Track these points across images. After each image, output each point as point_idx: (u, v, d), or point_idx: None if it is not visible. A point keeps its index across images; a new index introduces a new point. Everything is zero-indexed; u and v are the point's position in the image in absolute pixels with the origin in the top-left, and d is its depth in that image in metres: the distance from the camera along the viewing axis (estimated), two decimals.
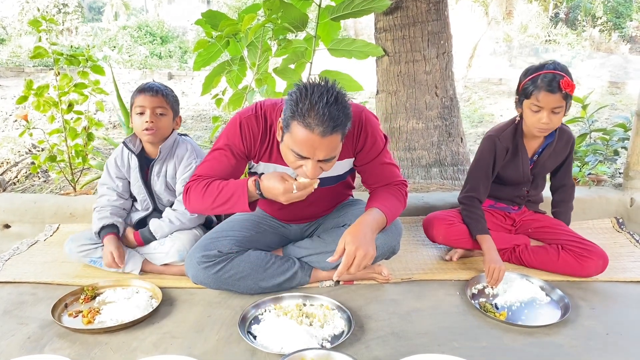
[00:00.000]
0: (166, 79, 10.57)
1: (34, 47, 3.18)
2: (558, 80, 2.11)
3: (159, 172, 2.39)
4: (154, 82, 2.35)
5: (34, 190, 3.96)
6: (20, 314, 2.03)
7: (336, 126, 1.65)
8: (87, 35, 14.45)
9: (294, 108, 1.66)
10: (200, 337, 1.86)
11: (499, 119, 7.69)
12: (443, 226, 2.44)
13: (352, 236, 1.83)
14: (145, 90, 2.27)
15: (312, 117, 1.62)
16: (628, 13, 15.98)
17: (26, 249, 2.67)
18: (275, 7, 2.78)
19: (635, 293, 2.19)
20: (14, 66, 11.09)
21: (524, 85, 2.21)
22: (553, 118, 2.17)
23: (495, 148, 2.38)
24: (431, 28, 3.61)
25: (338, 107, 1.65)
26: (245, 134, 1.97)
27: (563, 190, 2.55)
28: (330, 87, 1.67)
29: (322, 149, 1.68)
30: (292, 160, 1.76)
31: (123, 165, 2.43)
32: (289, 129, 1.70)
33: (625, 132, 3.62)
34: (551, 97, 2.12)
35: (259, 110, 1.97)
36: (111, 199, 2.42)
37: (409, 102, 3.72)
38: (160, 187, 2.40)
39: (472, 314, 2.02)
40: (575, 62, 13.22)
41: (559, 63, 2.20)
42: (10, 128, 6.22)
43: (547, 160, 2.43)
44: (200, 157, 2.39)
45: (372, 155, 2.05)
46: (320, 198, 2.17)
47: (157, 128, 2.27)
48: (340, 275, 1.84)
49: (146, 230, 2.37)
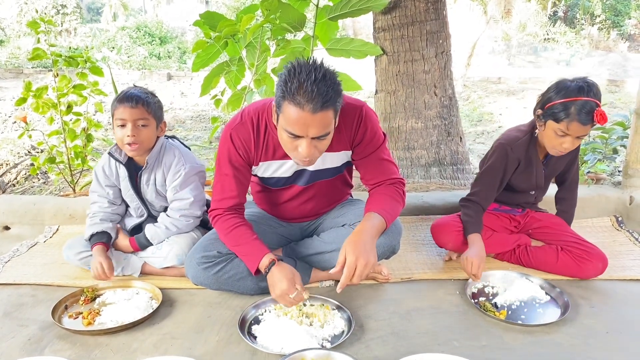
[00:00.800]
0: (165, 80, 10.58)
1: (32, 49, 3.18)
2: (592, 110, 2.00)
3: (147, 181, 2.35)
4: (134, 88, 2.24)
5: (34, 192, 3.97)
6: (21, 316, 2.03)
7: (325, 102, 1.66)
8: (85, 36, 14.48)
9: (283, 88, 1.68)
10: (201, 338, 1.86)
11: (498, 117, 7.70)
12: (453, 234, 2.40)
13: (352, 246, 1.82)
14: (125, 101, 2.17)
15: (301, 94, 1.64)
16: (627, 11, 16.00)
17: (26, 250, 2.67)
18: (273, 7, 2.78)
19: (635, 291, 2.19)
20: (12, 67, 11.11)
21: (554, 107, 2.09)
22: (575, 143, 2.11)
23: (507, 159, 2.30)
24: (430, 27, 3.62)
25: (326, 84, 1.66)
26: (238, 145, 1.99)
27: (567, 186, 2.51)
28: (319, 65, 1.69)
29: (314, 125, 1.69)
30: (288, 141, 1.78)
31: (112, 174, 2.38)
32: (281, 110, 1.73)
33: (624, 130, 3.63)
34: (582, 127, 2.03)
35: (245, 117, 2.00)
36: (103, 205, 2.38)
37: (407, 101, 3.72)
38: (151, 195, 2.38)
39: (472, 313, 2.02)
40: (574, 60, 13.25)
41: (594, 84, 2.06)
42: (10, 130, 6.23)
43: (557, 162, 2.39)
44: (190, 162, 2.35)
45: (371, 149, 2.05)
46: (318, 193, 2.18)
47: (139, 142, 2.21)
48: (343, 287, 1.83)
49: (142, 237, 2.34)
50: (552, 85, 2.15)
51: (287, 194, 2.20)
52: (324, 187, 2.17)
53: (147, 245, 2.34)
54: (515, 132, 2.34)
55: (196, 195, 2.33)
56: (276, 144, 1.98)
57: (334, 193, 2.30)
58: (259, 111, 1.99)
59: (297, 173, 2.10)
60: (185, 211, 2.32)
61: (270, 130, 1.98)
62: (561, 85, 2.10)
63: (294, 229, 2.37)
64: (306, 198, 2.14)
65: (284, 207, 2.26)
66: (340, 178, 2.23)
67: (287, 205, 2.23)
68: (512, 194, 2.47)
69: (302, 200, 2.16)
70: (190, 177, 2.34)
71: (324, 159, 2.04)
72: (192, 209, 2.33)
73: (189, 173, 2.33)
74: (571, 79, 2.10)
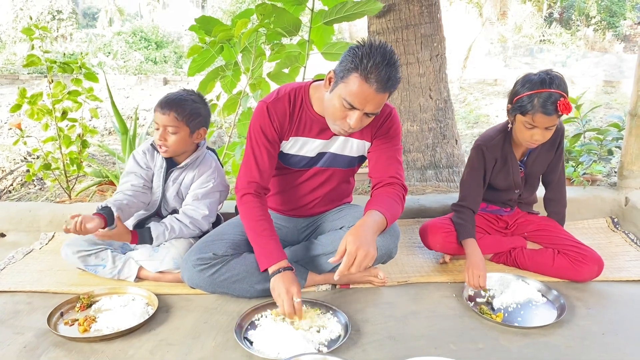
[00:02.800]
0: (161, 85, 10.58)
1: (26, 55, 3.18)
2: (556, 101, 2.05)
3: (175, 179, 2.39)
4: (180, 92, 2.30)
5: (29, 199, 3.96)
6: (16, 323, 2.02)
7: (391, 86, 1.81)
8: (81, 42, 14.47)
9: (357, 62, 1.78)
10: (197, 344, 1.85)
11: (495, 119, 7.72)
12: (440, 235, 2.41)
13: (354, 237, 1.84)
14: (160, 105, 2.24)
15: (375, 74, 1.76)
16: (622, 12, 16.05)
17: (21, 257, 2.67)
18: (267, 12, 2.78)
19: (631, 292, 2.20)
20: (8, 74, 11.09)
21: (520, 100, 2.14)
22: (546, 134, 2.16)
23: (484, 158, 2.36)
24: (424, 31, 3.63)
25: (396, 70, 1.81)
26: (274, 118, 2.06)
27: (553, 187, 2.50)
28: (391, 50, 1.82)
29: (373, 102, 1.82)
30: (339, 109, 1.86)
31: (152, 159, 2.40)
32: (346, 80, 1.82)
33: (619, 131, 3.63)
34: (547, 118, 2.09)
35: (281, 93, 2.09)
36: (136, 184, 2.33)
37: (403, 104, 3.73)
38: (171, 193, 2.40)
39: (469, 315, 2.02)
40: (569, 61, 13.29)
41: (556, 75, 2.12)
42: (5, 136, 6.22)
43: (536, 160, 2.40)
44: (220, 177, 2.41)
45: (388, 145, 2.15)
46: (325, 182, 2.25)
47: (168, 146, 2.26)
48: (341, 274, 1.84)
49: (146, 233, 2.30)
50: (519, 79, 2.21)
51: (303, 176, 2.24)
52: (335, 177, 2.25)
53: (148, 242, 2.31)
54: (490, 132, 2.41)
55: (211, 210, 2.38)
56: (308, 121, 2.09)
57: (339, 188, 2.33)
58: (296, 89, 2.11)
59: (319, 155, 2.17)
60: (196, 221, 2.34)
61: (305, 107, 2.08)
62: (526, 78, 2.17)
63: (292, 230, 2.38)
64: (318, 183, 2.24)
65: (294, 191, 2.29)
66: (349, 172, 2.30)
67: (299, 189, 2.28)
68: (497, 192, 2.49)
69: (314, 186, 2.25)
70: (214, 192, 2.39)
71: (345, 143, 2.14)
72: (203, 222, 2.36)
73: (215, 187, 2.39)
74: (536, 72, 2.17)
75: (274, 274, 1.94)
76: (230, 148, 3.13)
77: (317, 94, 2.06)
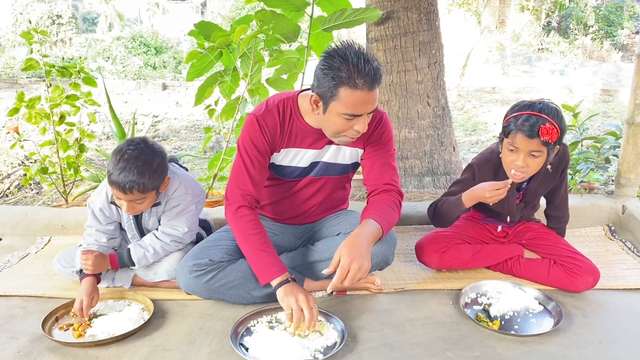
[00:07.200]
0: (160, 90, 10.60)
1: (25, 59, 3.17)
2: (539, 125, 1.98)
3: (150, 213, 2.29)
4: (127, 160, 1.99)
5: (26, 202, 3.95)
6: (11, 328, 2.01)
7: (379, 78, 1.82)
8: (81, 46, 14.47)
9: (338, 75, 1.76)
10: (192, 350, 1.84)
11: (493, 127, 7.72)
12: (436, 254, 2.38)
13: (348, 248, 1.83)
14: (119, 190, 2.00)
15: (361, 76, 1.76)
16: (619, 21, 16.12)
17: (17, 261, 2.66)
18: (266, 18, 2.79)
19: (628, 301, 2.20)
20: (7, 77, 11.09)
21: (506, 123, 2.11)
22: (530, 162, 2.07)
23: (474, 180, 2.31)
24: (422, 38, 3.64)
25: (372, 59, 1.80)
26: (265, 130, 2.04)
27: (555, 206, 2.47)
28: (356, 45, 1.81)
29: (371, 101, 1.84)
30: (343, 124, 1.87)
31: (112, 215, 2.27)
32: (336, 97, 1.80)
33: (616, 140, 3.63)
34: (528, 141, 2.02)
35: (270, 104, 2.07)
36: (100, 240, 2.24)
37: (401, 111, 3.73)
38: (153, 225, 2.32)
39: (465, 323, 2.02)
40: (567, 70, 13.33)
41: (549, 104, 2.06)
42: (3, 140, 6.20)
43: (538, 187, 2.34)
44: (191, 188, 2.28)
45: (381, 151, 2.14)
46: (319, 190, 2.23)
47: (138, 212, 2.16)
48: (334, 287, 1.85)
49: (125, 256, 2.21)
50: (513, 104, 2.18)
51: (297, 186, 2.23)
52: (329, 185, 2.23)
53: (129, 265, 2.23)
54: (487, 153, 2.36)
55: (190, 225, 2.29)
56: (299, 132, 2.08)
57: (334, 195, 2.32)
58: (284, 100, 2.08)
59: (312, 165, 2.16)
60: (178, 238, 2.28)
61: (295, 118, 2.07)
62: (518, 103, 2.16)
63: (287, 237, 2.37)
64: (312, 192, 2.22)
65: (289, 200, 2.27)
66: (343, 179, 2.28)
67: (294, 198, 2.25)
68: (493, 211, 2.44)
69: (308, 195, 2.23)
70: (188, 207, 2.29)
71: (338, 152, 2.13)
72: (185, 237, 2.29)
73: (188, 203, 2.28)
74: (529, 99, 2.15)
75: (280, 285, 1.91)
76: (228, 153, 3.13)
77: (305, 105, 2.03)
